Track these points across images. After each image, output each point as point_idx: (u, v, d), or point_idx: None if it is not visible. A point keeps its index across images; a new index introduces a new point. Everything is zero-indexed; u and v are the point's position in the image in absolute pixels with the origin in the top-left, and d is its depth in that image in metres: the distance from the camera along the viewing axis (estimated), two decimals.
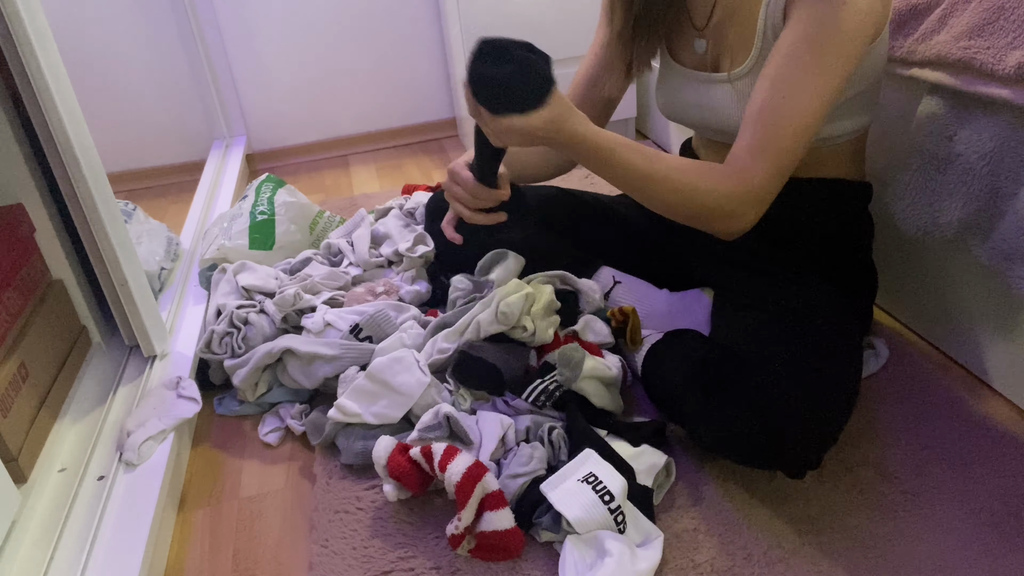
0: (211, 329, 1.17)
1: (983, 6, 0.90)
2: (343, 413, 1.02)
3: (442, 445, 0.89)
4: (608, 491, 0.83)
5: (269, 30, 2.23)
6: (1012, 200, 0.89)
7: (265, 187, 1.51)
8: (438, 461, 0.87)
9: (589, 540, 0.82)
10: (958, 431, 0.98)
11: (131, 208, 1.50)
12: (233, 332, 1.17)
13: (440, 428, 0.96)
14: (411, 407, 1.01)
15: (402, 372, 1.02)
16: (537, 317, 1.05)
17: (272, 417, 1.13)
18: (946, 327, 1.12)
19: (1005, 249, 0.91)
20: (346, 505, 0.96)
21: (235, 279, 1.28)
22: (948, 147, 0.97)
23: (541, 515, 0.86)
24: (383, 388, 1.02)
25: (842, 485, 0.92)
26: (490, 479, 0.85)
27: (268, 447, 1.10)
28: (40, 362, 1.02)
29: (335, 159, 2.42)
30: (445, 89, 2.43)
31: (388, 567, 0.87)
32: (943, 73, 0.95)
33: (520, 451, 0.92)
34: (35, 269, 1.09)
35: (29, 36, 0.92)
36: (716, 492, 0.93)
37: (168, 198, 2.24)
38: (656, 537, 0.84)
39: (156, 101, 2.26)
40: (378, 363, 1.04)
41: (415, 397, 1.00)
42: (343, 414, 1.02)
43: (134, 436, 0.97)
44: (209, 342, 1.17)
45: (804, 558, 0.83)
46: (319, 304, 1.23)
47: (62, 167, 1.00)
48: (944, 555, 0.82)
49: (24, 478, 0.92)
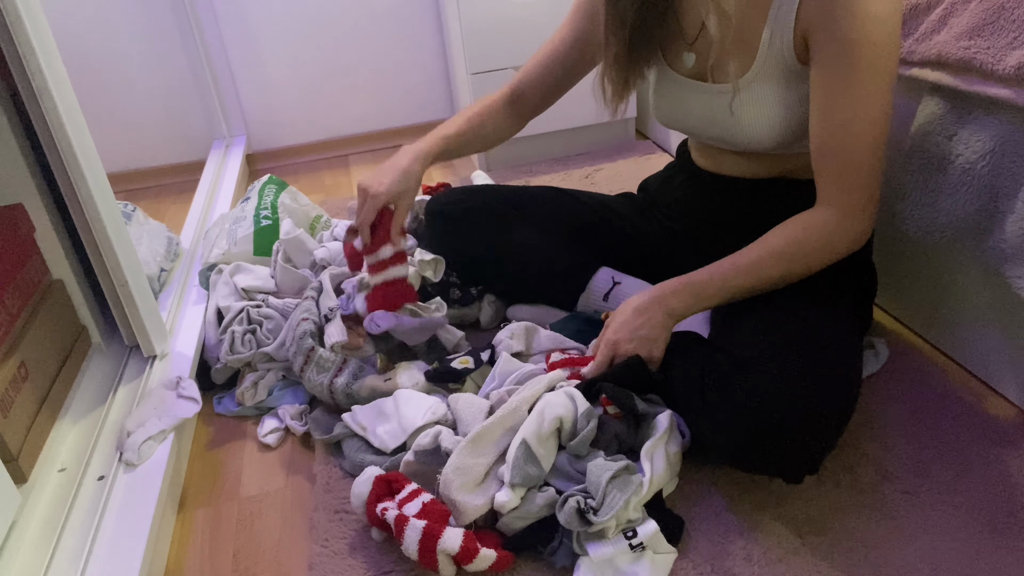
0: (231, 331, 1.17)
1: (983, 6, 0.90)
2: (355, 423, 1.03)
3: (414, 504, 0.86)
4: (641, 543, 0.82)
5: (269, 30, 2.23)
6: (1012, 200, 0.89)
7: (268, 189, 1.51)
8: (395, 530, 0.84)
9: (603, 565, 0.82)
10: (958, 431, 0.98)
11: (131, 209, 1.50)
12: (255, 328, 1.19)
13: (437, 454, 0.93)
14: (404, 440, 1.00)
15: (413, 407, 1.02)
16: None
17: (271, 418, 1.13)
18: (946, 327, 1.12)
19: (1005, 249, 0.91)
20: (346, 505, 0.96)
21: (232, 281, 1.28)
22: (948, 147, 0.97)
23: (554, 550, 0.85)
24: (393, 414, 1.03)
25: (842, 485, 0.92)
26: (450, 538, 0.81)
27: (268, 447, 1.10)
28: (40, 362, 1.02)
29: (335, 159, 2.42)
30: (445, 89, 2.43)
31: (388, 567, 0.87)
32: (943, 73, 0.95)
33: (536, 497, 0.87)
34: (35, 269, 1.09)
35: (29, 36, 0.92)
36: (716, 492, 0.93)
37: (168, 198, 2.24)
38: (670, 555, 0.84)
39: (156, 101, 2.26)
40: (400, 394, 1.05)
41: (410, 431, 1.00)
42: (355, 424, 1.03)
43: (134, 436, 0.97)
44: (232, 344, 1.17)
45: (804, 558, 0.83)
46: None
47: (62, 167, 1.00)
48: (944, 555, 0.82)
49: (24, 478, 0.92)
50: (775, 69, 0.92)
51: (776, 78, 0.93)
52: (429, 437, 0.94)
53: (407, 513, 0.84)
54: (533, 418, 0.90)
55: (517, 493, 0.85)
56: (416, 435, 0.98)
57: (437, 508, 0.85)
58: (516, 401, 0.94)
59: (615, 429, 0.93)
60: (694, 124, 1.05)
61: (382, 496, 0.89)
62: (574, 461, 0.89)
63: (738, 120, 0.97)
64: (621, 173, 1.95)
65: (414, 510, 0.85)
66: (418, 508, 0.85)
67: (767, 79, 0.93)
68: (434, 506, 0.86)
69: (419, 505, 0.86)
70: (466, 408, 0.99)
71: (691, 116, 1.04)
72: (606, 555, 0.81)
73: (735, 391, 0.85)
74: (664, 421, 0.92)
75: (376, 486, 0.89)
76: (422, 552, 0.81)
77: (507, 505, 0.84)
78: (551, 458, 0.89)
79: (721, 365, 0.88)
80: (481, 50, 1.91)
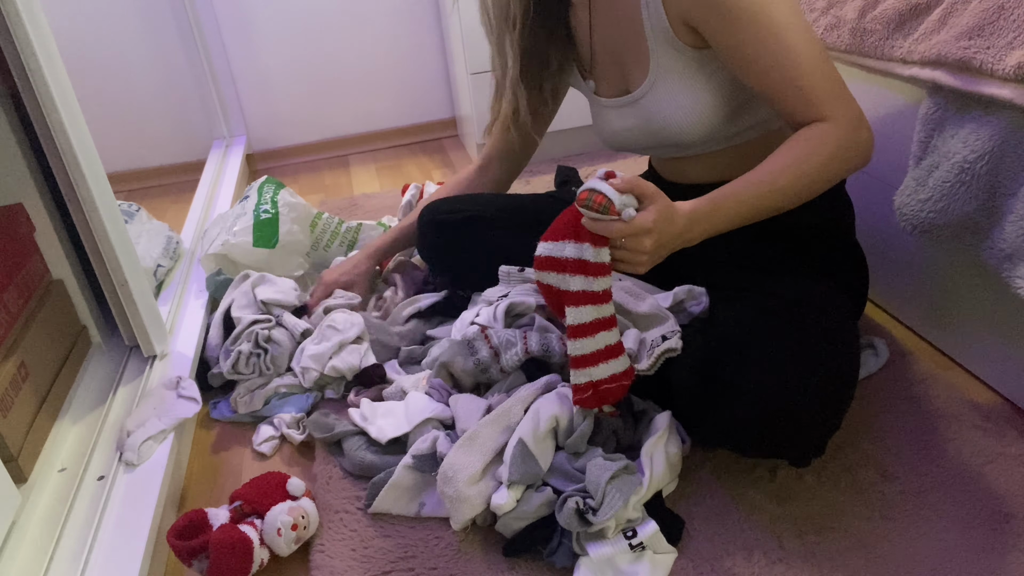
0: (237, 350, 1.16)
1: (983, 6, 0.90)
2: (359, 416, 1.04)
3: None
4: (641, 543, 0.82)
5: (269, 30, 2.23)
6: (1012, 200, 0.89)
7: (267, 188, 1.52)
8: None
9: (603, 565, 0.82)
10: (958, 431, 0.98)
11: (134, 209, 1.50)
12: (260, 353, 1.17)
13: (433, 459, 0.93)
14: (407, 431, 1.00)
15: (420, 404, 1.03)
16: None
17: (266, 426, 1.12)
18: (946, 327, 1.12)
19: (1005, 249, 0.91)
20: (346, 505, 0.96)
21: (253, 292, 1.26)
22: (948, 147, 0.97)
23: (554, 550, 0.85)
24: (398, 409, 1.03)
25: (842, 485, 0.92)
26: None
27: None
28: (40, 362, 1.02)
29: (335, 159, 2.42)
30: (445, 89, 2.43)
31: (388, 567, 0.87)
32: (943, 73, 0.95)
33: (533, 497, 0.87)
34: (35, 269, 1.09)
35: (29, 36, 0.92)
36: (716, 492, 0.93)
37: (168, 198, 2.25)
38: (670, 554, 0.84)
39: (156, 101, 2.26)
40: (410, 396, 1.06)
41: (415, 423, 1.00)
42: (358, 416, 1.04)
43: (134, 436, 0.97)
44: (236, 363, 1.16)
45: (804, 558, 0.83)
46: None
47: (62, 167, 1.00)
48: (944, 555, 0.82)
49: (24, 478, 0.92)
50: (672, 63, 0.95)
51: (678, 70, 0.95)
52: (428, 442, 0.94)
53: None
54: (529, 418, 0.90)
55: (514, 493, 0.85)
56: (418, 429, 0.99)
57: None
58: (511, 402, 0.95)
59: (613, 426, 0.93)
60: (630, 140, 1.07)
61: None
62: (572, 460, 0.89)
63: (661, 122, 0.99)
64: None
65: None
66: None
67: (668, 73, 0.96)
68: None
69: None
70: (465, 407, 0.99)
71: (622, 133, 1.07)
72: (606, 555, 0.81)
73: (737, 378, 0.85)
74: (663, 421, 0.92)
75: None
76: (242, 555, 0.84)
77: (504, 507, 0.84)
78: (548, 458, 0.89)
79: (721, 353, 0.89)
80: (481, 50, 1.91)
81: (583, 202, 0.79)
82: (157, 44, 2.18)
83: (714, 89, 0.95)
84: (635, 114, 1.03)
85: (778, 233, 1.01)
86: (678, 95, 0.96)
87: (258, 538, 0.86)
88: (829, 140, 0.86)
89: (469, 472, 0.87)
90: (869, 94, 1.15)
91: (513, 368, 1.04)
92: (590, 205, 0.79)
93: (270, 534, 0.87)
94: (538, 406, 0.91)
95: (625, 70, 1.02)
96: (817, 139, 0.86)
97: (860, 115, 0.87)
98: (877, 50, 1.06)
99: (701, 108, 0.96)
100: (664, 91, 0.97)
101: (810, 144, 0.86)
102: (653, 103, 0.99)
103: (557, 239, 0.84)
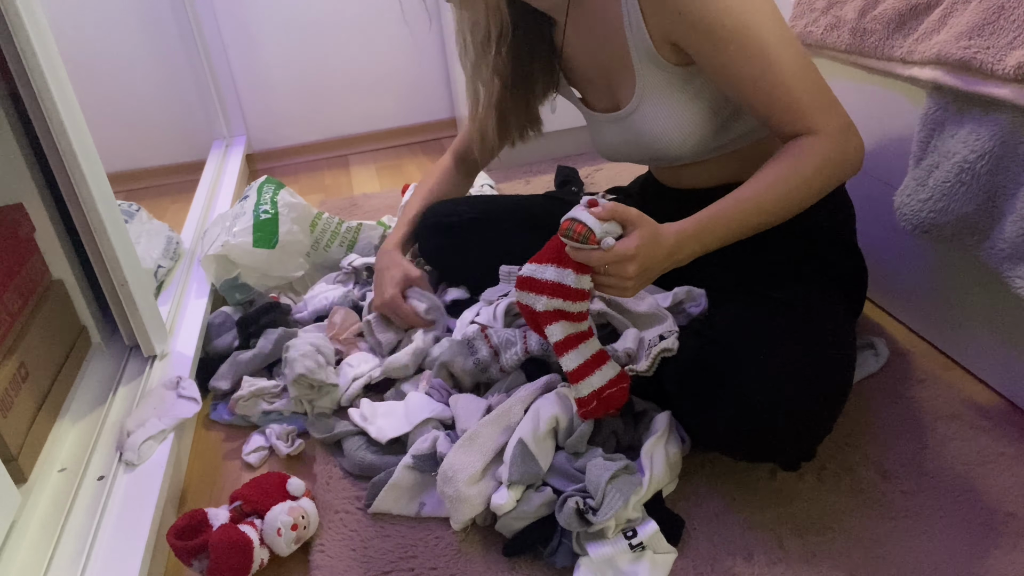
0: (260, 385, 1.14)
1: (983, 6, 0.90)
2: (359, 416, 1.04)
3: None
4: (641, 544, 0.82)
5: (269, 30, 2.23)
6: (1012, 200, 0.89)
7: (267, 188, 1.51)
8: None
9: (603, 565, 0.81)
10: (958, 431, 0.98)
11: (135, 209, 1.50)
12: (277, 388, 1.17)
13: (433, 459, 0.93)
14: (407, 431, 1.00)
15: (420, 404, 1.03)
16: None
17: (257, 435, 1.10)
18: (946, 327, 1.12)
19: (1005, 249, 0.91)
20: (346, 505, 0.96)
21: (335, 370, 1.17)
22: (948, 147, 0.97)
23: (554, 550, 0.85)
24: (399, 409, 1.03)
25: (842, 485, 0.92)
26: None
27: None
28: (40, 362, 1.02)
29: (335, 159, 2.42)
30: (445, 89, 2.43)
31: (388, 567, 0.87)
32: (943, 73, 0.95)
33: (533, 497, 0.87)
34: (35, 269, 1.09)
35: (29, 36, 0.92)
36: (716, 492, 0.93)
37: (168, 198, 2.25)
38: (670, 555, 0.84)
39: (156, 101, 2.26)
40: (409, 396, 1.06)
41: (415, 422, 1.00)
42: (358, 416, 1.04)
43: (134, 436, 0.97)
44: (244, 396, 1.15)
45: (804, 558, 0.83)
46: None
47: (62, 167, 1.00)
48: (944, 555, 0.82)
49: (24, 478, 0.92)
50: (657, 80, 0.95)
51: (664, 87, 0.95)
52: (428, 442, 0.94)
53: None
54: (529, 418, 0.90)
55: (514, 493, 0.85)
56: (418, 429, 0.99)
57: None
58: (511, 401, 0.95)
59: (613, 426, 0.93)
60: (624, 152, 1.08)
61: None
62: (572, 460, 0.89)
63: (650, 138, 0.99)
64: (621, 173, 1.95)
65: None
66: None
67: (654, 91, 0.96)
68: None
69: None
70: (465, 407, 0.99)
71: (616, 146, 1.07)
72: (606, 555, 0.81)
73: (729, 382, 0.85)
74: (663, 421, 0.92)
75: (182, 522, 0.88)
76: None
77: (504, 507, 0.84)
78: (548, 458, 0.89)
79: (714, 356, 0.89)
80: None
81: (564, 232, 0.81)
82: (157, 44, 2.18)
83: (701, 104, 0.95)
84: (625, 130, 1.03)
85: (778, 236, 1.01)
86: (666, 112, 0.96)
87: (258, 538, 0.86)
88: (816, 153, 0.85)
89: (469, 472, 0.87)
90: (869, 94, 1.15)
91: (513, 368, 1.04)
92: (570, 235, 0.80)
93: (270, 534, 0.87)
94: (538, 406, 0.91)
95: (613, 87, 1.03)
96: (805, 153, 0.86)
97: (848, 124, 0.87)
98: (877, 50, 1.06)
99: (689, 123, 0.96)
100: (651, 108, 0.97)
101: (797, 159, 0.86)
102: (641, 121, 0.99)
103: (541, 262, 0.86)
